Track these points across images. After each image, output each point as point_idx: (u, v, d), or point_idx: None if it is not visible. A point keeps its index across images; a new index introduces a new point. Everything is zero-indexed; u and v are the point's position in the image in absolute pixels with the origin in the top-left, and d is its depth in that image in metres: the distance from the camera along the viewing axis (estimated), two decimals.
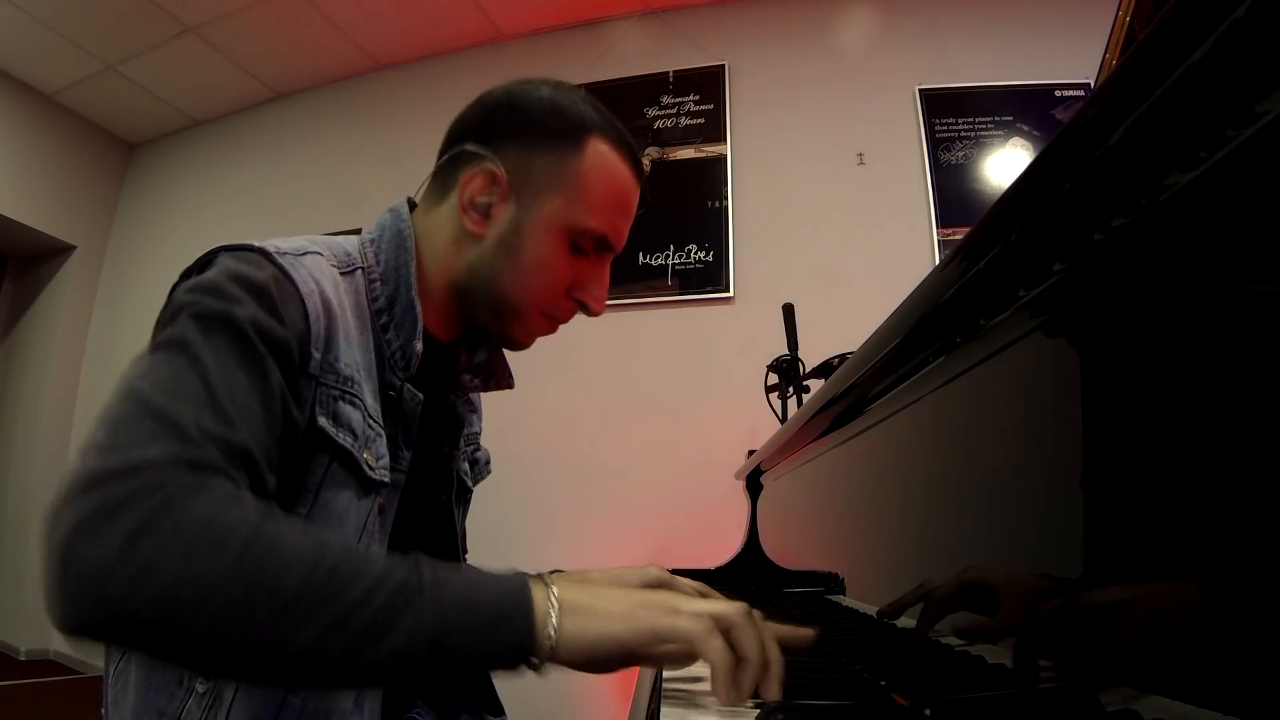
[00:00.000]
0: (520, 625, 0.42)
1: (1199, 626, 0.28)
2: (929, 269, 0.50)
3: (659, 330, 2.50)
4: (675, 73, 2.73)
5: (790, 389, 1.80)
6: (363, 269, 0.65)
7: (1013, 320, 0.45)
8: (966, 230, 0.47)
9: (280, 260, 0.54)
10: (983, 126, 2.40)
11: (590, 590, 0.45)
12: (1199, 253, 0.30)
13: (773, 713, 0.44)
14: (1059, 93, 2.36)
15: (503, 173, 0.65)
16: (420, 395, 0.66)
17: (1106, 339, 0.36)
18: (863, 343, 0.66)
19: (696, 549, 1.68)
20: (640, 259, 2.54)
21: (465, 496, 0.83)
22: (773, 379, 1.84)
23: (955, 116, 2.42)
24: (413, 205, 0.72)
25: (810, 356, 1.69)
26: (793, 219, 2.48)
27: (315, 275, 0.57)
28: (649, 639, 0.43)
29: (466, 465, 0.83)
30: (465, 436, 0.81)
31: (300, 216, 3.12)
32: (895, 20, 2.56)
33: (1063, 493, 0.39)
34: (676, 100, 2.70)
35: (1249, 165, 0.26)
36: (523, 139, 0.65)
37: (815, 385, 1.56)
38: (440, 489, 0.77)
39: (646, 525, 2.31)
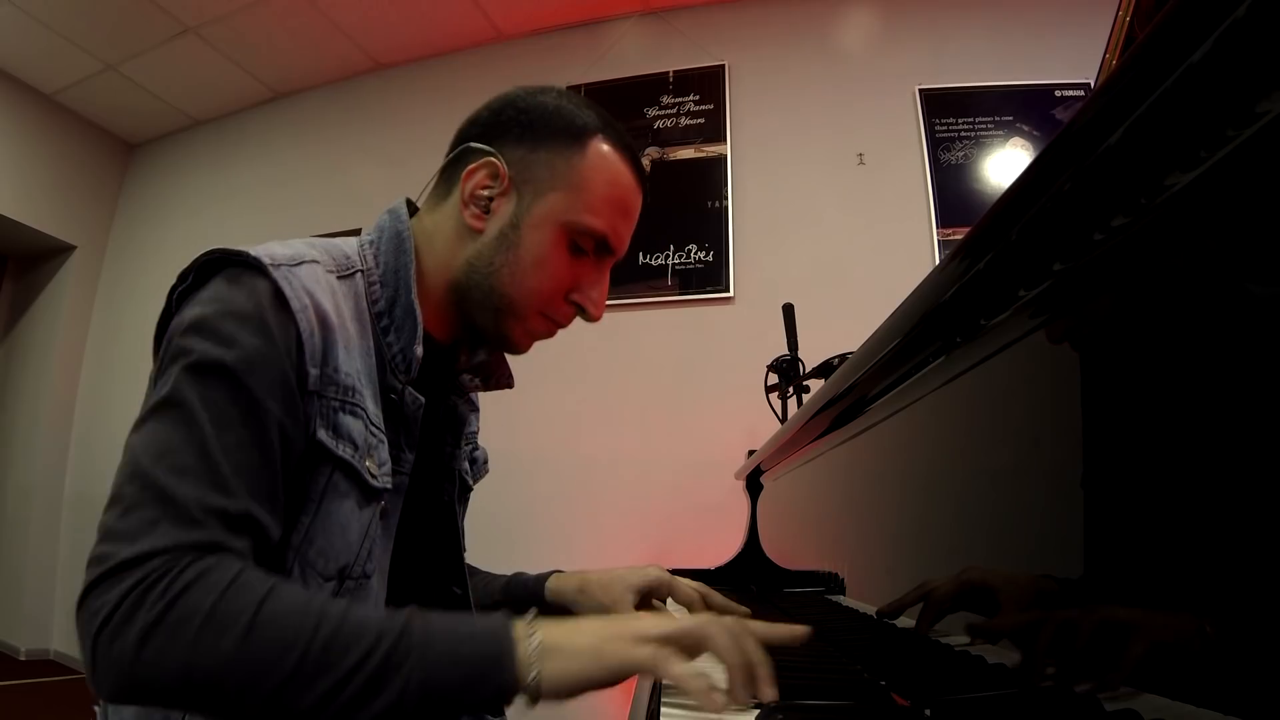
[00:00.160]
0: (504, 675, 0.45)
1: (1199, 626, 0.28)
2: (929, 269, 0.50)
3: (659, 330, 2.50)
4: (675, 73, 2.73)
5: (790, 389, 1.80)
6: (362, 271, 0.64)
7: (1013, 320, 0.45)
8: (966, 230, 0.47)
9: (274, 274, 0.54)
10: (983, 126, 2.40)
11: (565, 627, 0.48)
12: (1199, 253, 0.30)
13: (773, 713, 0.44)
14: (1059, 93, 2.36)
15: (504, 168, 0.65)
16: (421, 399, 0.66)
17: (1106, 339, 0.36)
18: (863, 343, 0.66)
19: (696, 549, 1.69)
20: (640, 259, 2.54)
21: (466, 495, 0.83)
22: (773, 379, 1.84)
23: (955, 117, 2.42)
24: (413, 207, 0.72)
25: (810, 356, 1.69)
26: (793, 219, 2.47)
27: (309, 287, 0.57)
28: (619, 672, 0.46)
29: (467, 464, 0.83)
30: (465, 435, 0.81)
31: (300, 216, 3.12)
32: (895, 20, 2.56)
33: (1062, 493, 0.39)
34: (676, 100, 2.70)
35: (1249, 165, 0.26)
36: (526, 138, 0.66)
37: (815, 385, 1.57)
38: (443, 489, 0.77)
39: (646, 525, 2.31)
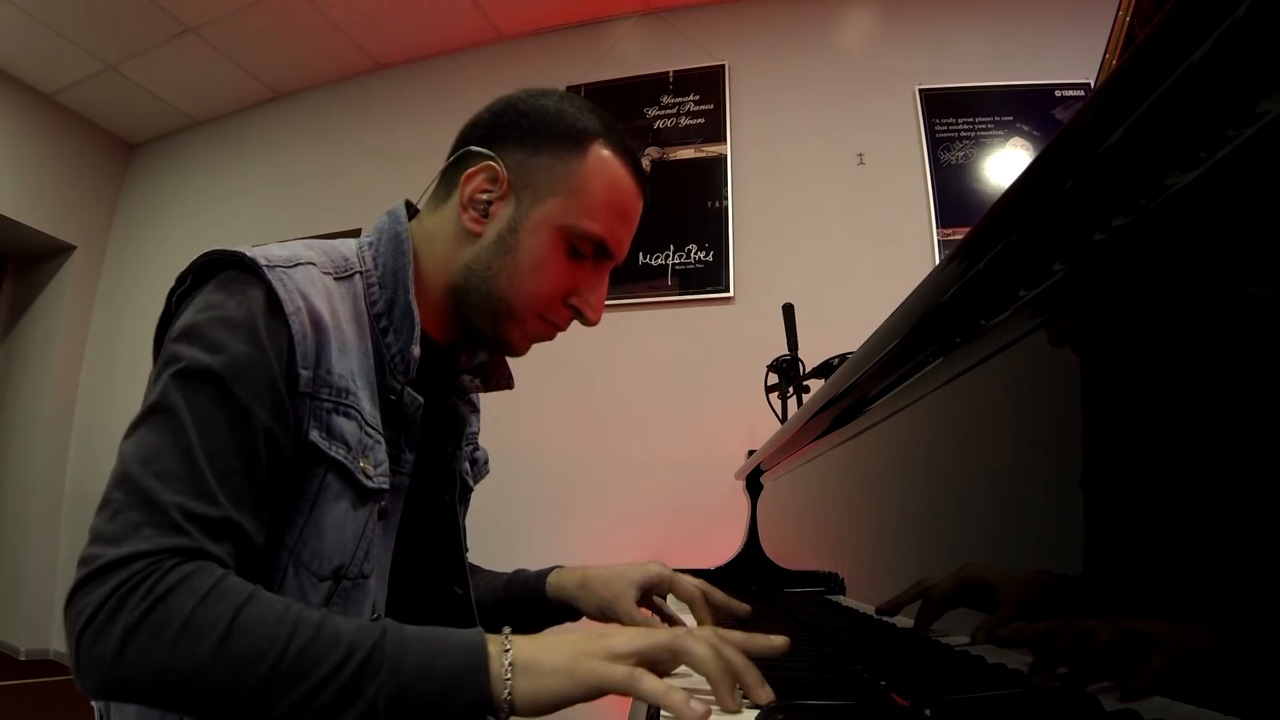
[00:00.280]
0: (476, 691, 0.45)
1: (1199, 626, 0.28)
2: (929, 269, 0.49)
3: (659, 330, 2.50)
4: (675, 73, 2.73)
5: (790, 389, 1.80)
6: (360, 273, 0.65)
7: (1013, 320, 0.45)
8: (966, 230, 0.47)
9: (269, 275, 0.55)
10: (983, 127, 2.40)
11: (538, 644, 0.48)
12: (1199, 253, 0.30)
13: (773, 713, 0.44)
14: (1059, 93, 2.36)
15: (503, 171, 0.65)
16: (420, 399, 0.66)
17: (1106, 339, 0.36)
18: (863, 343, 0.66)
19: (696, 549, 1.69)
20: (640, 259, 2.54)
21: (466, 496, 0.83)
22: (773, 379, 1.84)
23: (955, 117, 2.42)
24: (413, 209, 0.72)
25: (810, 356, 1.69)
26: (793, 219, 2.48)
27: (304, 289, 0.57)
28: (593, 690, 0.46)
29: (467, 465, 0.83)
30: (466, 436, 0.81)
31: (300, 216, 3.12)
32: (895, 20, 2.56)
33: (1062, 493, 0.39)
34: (676, 100, 2.70)
35: (1249, 165, 0.26)
36: (526, 141, 0.66)
37: (815, 385, 1.57)
38: (443, 489, 0.77)
39: (647, 525, 2.31)
